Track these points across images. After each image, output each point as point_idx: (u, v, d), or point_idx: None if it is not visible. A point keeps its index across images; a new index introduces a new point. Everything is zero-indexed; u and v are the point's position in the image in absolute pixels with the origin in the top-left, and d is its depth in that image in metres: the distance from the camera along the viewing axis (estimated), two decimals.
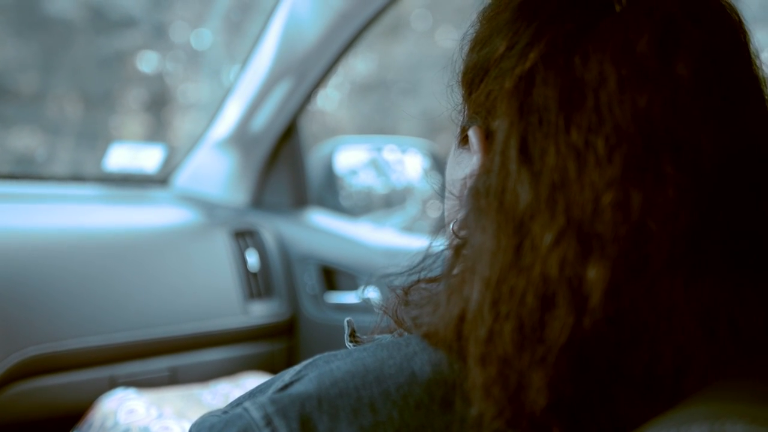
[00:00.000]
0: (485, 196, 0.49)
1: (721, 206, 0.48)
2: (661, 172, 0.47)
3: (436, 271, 0.57)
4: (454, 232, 0.55)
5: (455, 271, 0.52)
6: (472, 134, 0.54)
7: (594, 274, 0.46)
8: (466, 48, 0.57)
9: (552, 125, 0.48)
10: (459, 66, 0.58)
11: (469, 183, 0.53)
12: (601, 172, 0.46)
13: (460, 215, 0.55)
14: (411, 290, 0.56)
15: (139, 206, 1.69)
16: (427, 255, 0.58)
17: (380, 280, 1.48)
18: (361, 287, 1.63)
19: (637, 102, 0.47)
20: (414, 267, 0.58)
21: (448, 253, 0.54)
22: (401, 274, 0.58)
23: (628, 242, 0.46)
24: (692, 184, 0.47)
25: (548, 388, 0.46)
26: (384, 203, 2.17)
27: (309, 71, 1.65)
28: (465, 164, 0.57)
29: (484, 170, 0.51)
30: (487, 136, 0.53)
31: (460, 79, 0.58)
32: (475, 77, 0.55)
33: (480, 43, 0.55)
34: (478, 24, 0.56)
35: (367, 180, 2.11)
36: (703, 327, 0.48)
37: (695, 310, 0.47)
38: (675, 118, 0.47)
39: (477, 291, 0.48)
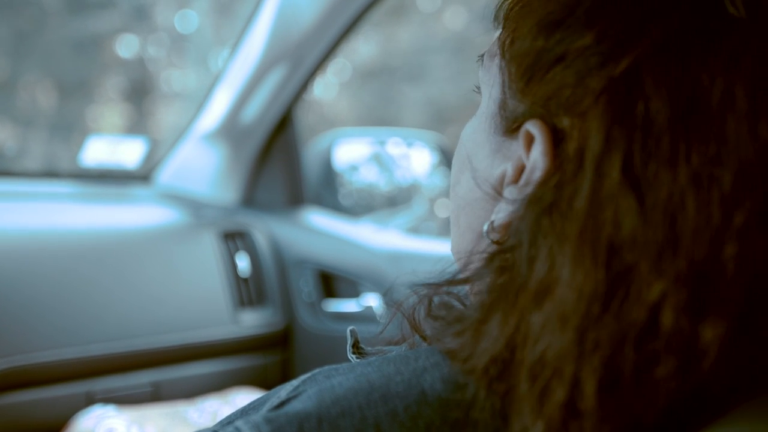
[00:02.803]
0: (567, 217, 0.46)
1: None
2: None
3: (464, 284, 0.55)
4: (490, 238, 0.52)
5: (489, 285, 0.50)
6: (537, 130, 0.50)
7: (710, 333, 0.44)
8: (522, 22, 0.53)
9: (667, 148, 0.45)
10: (502, 35, 0.55)
11: (527, 188, 0.50)
12: (727, 215, 0.44)
13: (500, 217, 0.52)
14: (436, 294, 0.54)
15: (119, 205, 1.69)
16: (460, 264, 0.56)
17: (398, 289, 1.48)
18: (365, 294, 1.63)
19: (764, 133, 0.45)
20: (445, 278, 0.55)
21: (482, 263, 0.51)
22: (429, 283, 0.55)
23: (749, 297, 0.45)
24: None
25: None
26: (388, 202, 2.17)
27: (305, 56, 1.65)
28: (506, 156, 0.54)
29: (559, 181, 0.48)
30: (554, 136, 0.50)
31: (509, 56, 0.54)
32: (541, 65, 0.51)
33: (550, 24, 0.51)
34: None
35: (369, 176, 2.11)
36: None
37: None
38: None
39: (549, 331, 0.45)
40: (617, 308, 0.44)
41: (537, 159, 0.50)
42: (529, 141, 0.51)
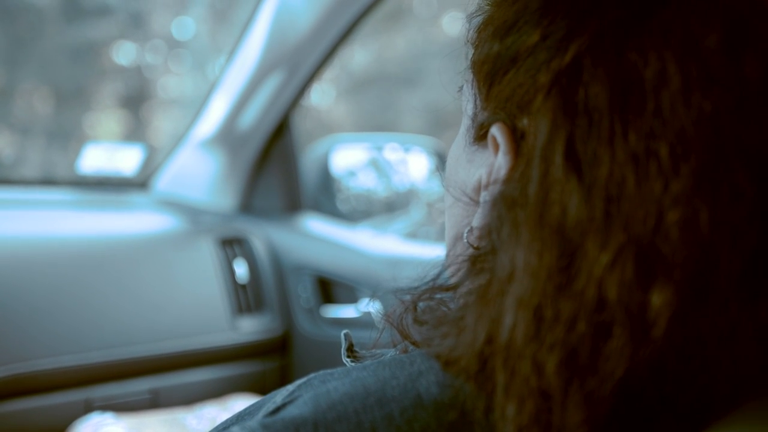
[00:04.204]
0: (522, 207, 0.48)
1: None
2: (734, 185, 0.46)
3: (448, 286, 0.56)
4: (469, 243, 0.54)
5: (472, 287, 0.51)
6: (498, 133, 0.53)
7: (659, 299, 0.45)
8: (482, 33, 0.55)
9: (606, 129, 0.47)
10: (471, 53, 0.57)
11: (495, 188, 0.52)
12: (665, 185, 0.46)
13: (477, 222, 0.54)
14: (420, 300, 0.56)
15: (117, 212, 1.69)
16: (441, 268, 0.58)
17: (385, 294, 1.47)
18: (363, 300, 1.64)
19: (702, 105, 0.46)
20: (427, 281, 0.57)
21: (463, 267, 0.53)
22: (412, 289, 0.57)
23: (696, 264, 0.46)
24: (762, 198, 0.47)
25: (588, 423, 0.46)
26: (385, 207, 2.18)
27: (302, 63, 1.65)
28: (480, 164, 0.56)
29: (517, 175, 0.50)
30: (514, 136, 0.52)
31: (474, 68, 0.56)
32: (498, 69, 0.53)
33: (503, 29, 0.53)
34: (496, 6, 0.55)
35: (366, 182, 2.11)
36: (761, 348, 0.48)
37: (754, 331, 0.47)
38: (743, 124, 0.47)
39: (511, 315, 0.47)
40: (569, 286, 0.46)
41: (501, 159, 0.53)
42: (497, 145, 0.53)
